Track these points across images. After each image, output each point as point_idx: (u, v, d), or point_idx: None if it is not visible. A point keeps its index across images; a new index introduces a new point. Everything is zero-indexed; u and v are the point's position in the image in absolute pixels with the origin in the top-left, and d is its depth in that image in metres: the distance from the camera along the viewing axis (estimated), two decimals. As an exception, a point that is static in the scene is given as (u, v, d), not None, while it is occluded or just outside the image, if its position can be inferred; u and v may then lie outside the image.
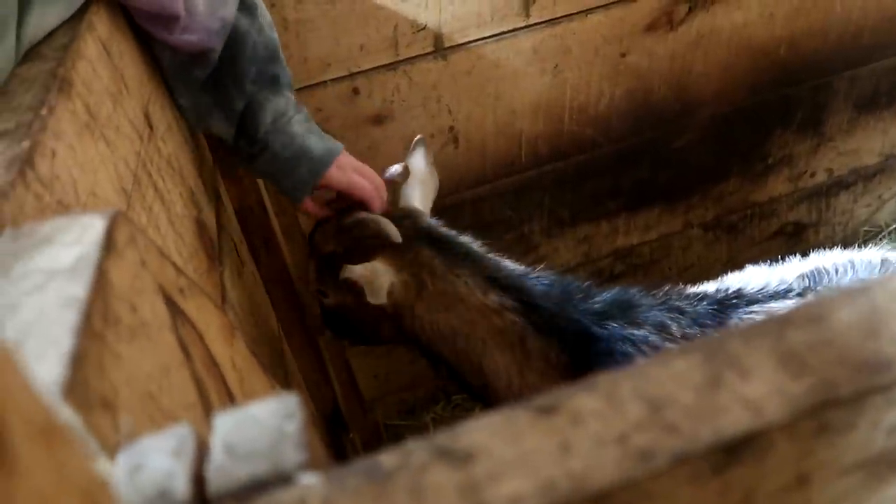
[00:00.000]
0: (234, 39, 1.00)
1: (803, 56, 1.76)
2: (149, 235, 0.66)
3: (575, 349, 1.06)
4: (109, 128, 0.67)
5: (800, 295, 1.05)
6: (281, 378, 1.19)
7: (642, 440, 0.24)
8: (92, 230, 0.36)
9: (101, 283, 0.33)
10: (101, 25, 0.77)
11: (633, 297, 1.10)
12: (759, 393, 0.25)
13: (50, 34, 0.71)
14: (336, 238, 1.16)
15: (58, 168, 0.52)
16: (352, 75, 1.44)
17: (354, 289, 1.08)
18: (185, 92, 1.03)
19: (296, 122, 1.10)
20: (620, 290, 1.13)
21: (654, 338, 1.02)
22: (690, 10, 1.59)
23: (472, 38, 1.48)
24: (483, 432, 0.25)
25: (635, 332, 1.04)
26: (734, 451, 0.24)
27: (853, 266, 1.07)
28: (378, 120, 1.51)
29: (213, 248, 0.98)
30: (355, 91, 1.46)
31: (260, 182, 1.43)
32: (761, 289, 1.08)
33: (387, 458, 0.25)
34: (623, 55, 1.60)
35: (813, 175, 2.01)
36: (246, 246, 1.37)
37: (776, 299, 1.05)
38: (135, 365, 0.34)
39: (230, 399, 0.45)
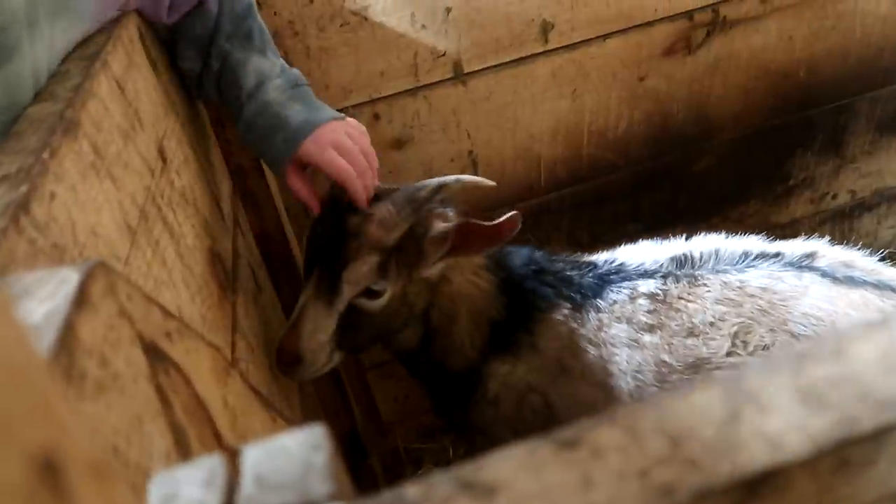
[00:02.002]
0: None
1: (823, 78, 1.75)
2: (153, 270, 0.66)
3: (514, 306, 1.25)
4: (117, 165, 0.68)
5: (663, 276, 1.22)
6: (297, 404, 1.19)
7: (663, 475, 0.24)
8: (67, 284, 0.36)
9: (66, 340, 0.33)
10: (116, 64, 0.79)
11: (543, 263, 1.30)
12: (778, 428, 0.25)
13: (64, 75, 0.72)
14: (399, 225, 1.09)
15: (56, 210, 0.52)
16: (373, 101, 1.46)
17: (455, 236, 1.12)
18: (189, 55, 1.03)
19: (273, 87, 1.03)
20: (532, 253, 1.33)
21: (553, 297, 1.25)
22: (708, 34, 1.60)
23: (490, 64, 1.50)
24: (506, 465, 0.26)
25: (544, 291, 1.26)
26: (754, 486, 0.24)
27: (717, 254, 1.23)
28: (398, 145, 1.53)
29: (227, 278, 0.98)
30: (376, 116, 1.48)
31: (281, 207, 1.45)
32: (637, 266, 1.25)
33: (411, 490, 0.25)
34: (641, 79, 1.61)
35: (835, 197, 1.99)
36: (265, 271, 1.38)
37: (644, 277, 1.23)
38: (99, 420, 0.34)
39: (217, 440, 0.45)
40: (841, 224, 2.05)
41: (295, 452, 0.26)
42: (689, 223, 1.89)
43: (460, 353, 1.28)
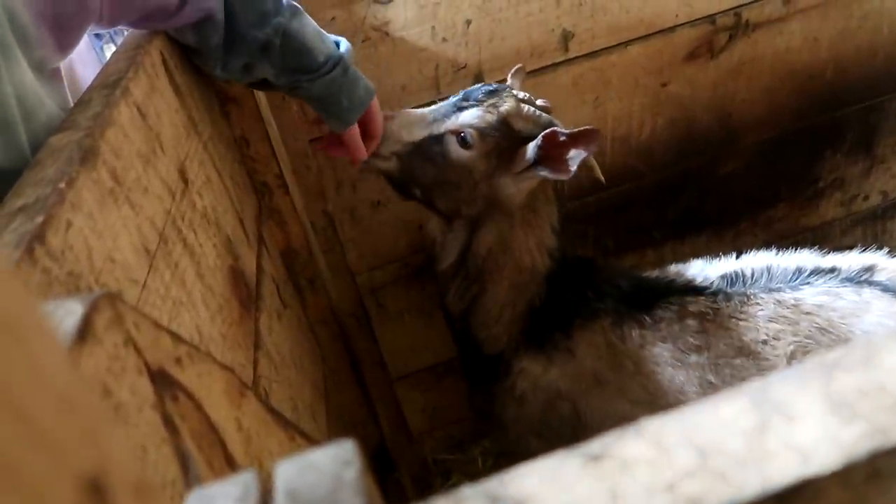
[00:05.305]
0: None
1: (851, 78, 1.73)
2: (172, 292, 0.67)
3: (554, 298, 1.27)
4: (137, 190, 0.69)
5: (713, 294, 1.21)
6: (323, 419, 1.20)
7: (691, 488, 0.24)
8: (72, 316, 0.36)
9: None
10: (137, 90, 0.80)
11: (599, 273, 1.32)
12: (808, 439, 0.25)
13: (86, 104, 0.73)
14: (533, 122, 1.21)
15: (72, 239, 0.52)
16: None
17: (554, 146, 1.15)
18: (225, 61, 1.06)
19: (344, 45, 1.16)
20: (590, 260, 1.36)
21: (597, 304, 1.25)
22: (731, 38, 1.58)
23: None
24: (533, 479, 0.26)
25: (590, 295, 1.27)
26: (784, 498, 0.24)
27: (769, 271, 1.21)
28: (421, 157, 1.54)
29: (250, 296, 0.99)
30: (399, 130, 1.49)
31: (306, 223, 1.46)
32: (687, 282, 1.25)
33: (440, 505, 0.26)
34: (664, 85, 1.61)
35: (866, 198, 1.95)
36: (291, 287, 1.39)
37: (693, 294, 1.22)
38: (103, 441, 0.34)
39: (228, 464, 0.45)
40: (873, 226, 2.01)
41: (326, 468, 0.27)
42: (717, 228, 1.87)
43: (489, 322, 1.28)
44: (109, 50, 1.81)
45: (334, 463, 0.27)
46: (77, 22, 0.83)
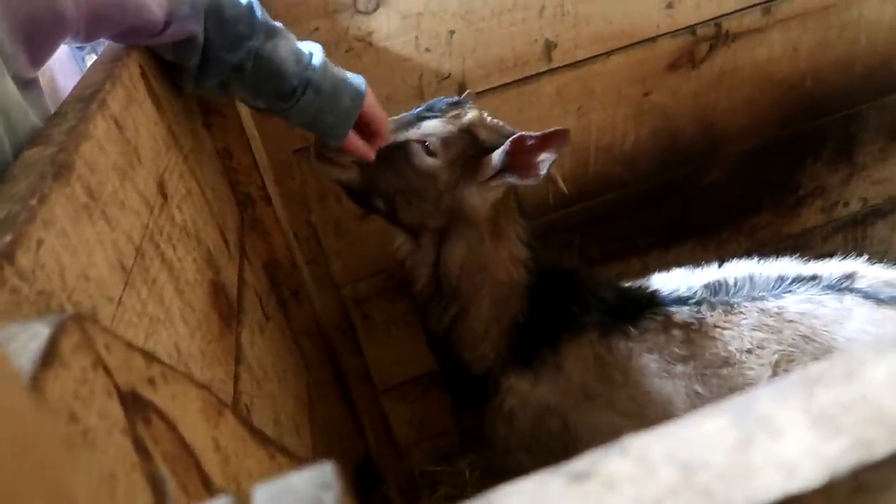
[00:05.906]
0: (209, 11, 1.01)
1: (830, 87, 1.75)
2: (149, 309, 0.65)
3: (538, 312, 1.26)
4: (113, 205, 0.67)
5: (697, 303, 1.21)
6: (307, 434, 1.18)
7: (676, 505, 0.24)
8: (38, 339, 0.35)
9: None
10: (115, 103, 0.78)
11: (583, 285, 1.30)
12: (791, 454, 0.25)
13: (62, 117, 0.71)
14: (497, 132, 1.21)
15: (43, 257, 0.51)
16: (379, 125, 1.47)
17: (513, 157, 1.15)
18: (199, 82, 1.06)
19: (328, 61, 1.13)
20: (574, 270, 1.36)
21: (583, 318, 1.24)
22: (711, 48, 1.60)
23: (495, 84, 1.51)
24: (517, 498, 0.25)
25: (575, 309, 1.26)
26: (769, 515, 0.24)
27: (752, 280, 1.21)
28: (406, 167, 1.54)
29: (231, 309, 0.97)
30: (383, 140, 1.49)
31: (289, 234, 1.45)
32: (670, 293, 1.24)
33: (423, 526, 0.25)
34: (647, 94, 1.62)
35: (847, 205, 1.98)
36: (274, 299, 1.37)
37: (677, 304, 1.22)
38: (63, 483, 0.33)
39: (205, 486, 0.44)
40: (853, 232, 2.03)
41: (304, 491, 0.26)
42: (701, 236, 1.88)
43: (475, 342, 1.26)
44: (91, 60, 1.79)
45: (313, 486, 0.26)
46: (53, 37, 0.82)
